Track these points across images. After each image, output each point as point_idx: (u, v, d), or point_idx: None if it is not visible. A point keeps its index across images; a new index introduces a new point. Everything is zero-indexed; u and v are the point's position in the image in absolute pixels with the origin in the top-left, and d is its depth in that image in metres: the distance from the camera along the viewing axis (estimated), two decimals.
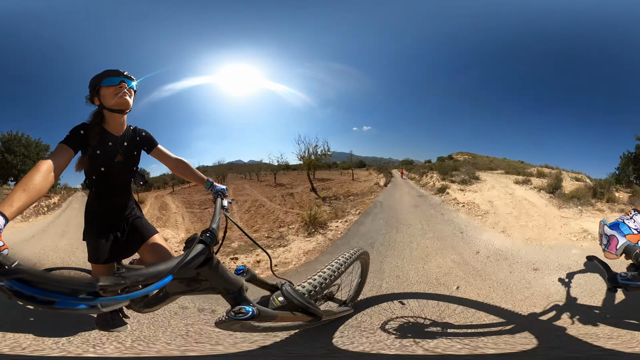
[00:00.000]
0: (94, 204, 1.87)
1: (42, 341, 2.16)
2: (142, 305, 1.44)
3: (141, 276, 0.96)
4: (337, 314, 2.23)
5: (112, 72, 1.69)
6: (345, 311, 2.34)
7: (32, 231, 5.83)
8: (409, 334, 2.27)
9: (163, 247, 1.88)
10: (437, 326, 2.39)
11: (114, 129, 1.76)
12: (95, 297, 0.82)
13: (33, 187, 1.26)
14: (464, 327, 2.39)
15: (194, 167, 1.99)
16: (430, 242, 4.32)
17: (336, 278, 1.91)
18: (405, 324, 2.44)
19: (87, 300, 0.81)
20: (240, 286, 1.36)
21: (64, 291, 0.80)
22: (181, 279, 1.22)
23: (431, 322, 2.45)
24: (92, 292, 0.82)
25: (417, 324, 2.44)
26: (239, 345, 2.18)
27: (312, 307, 1.64)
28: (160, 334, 2.38)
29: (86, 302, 0.81)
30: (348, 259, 2.08)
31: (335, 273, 1.90)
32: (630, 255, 1.15)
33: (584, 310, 2.51)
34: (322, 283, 1.79)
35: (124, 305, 0.96)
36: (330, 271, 1.89)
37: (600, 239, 1.24)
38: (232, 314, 1.28)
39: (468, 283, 3.12)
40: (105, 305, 0.84)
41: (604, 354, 1.96)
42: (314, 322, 1.83)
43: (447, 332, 2.29)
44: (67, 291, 0.80)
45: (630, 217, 1.21)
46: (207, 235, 1.21)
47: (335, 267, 1.93)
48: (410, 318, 2.54)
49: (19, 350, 2.05)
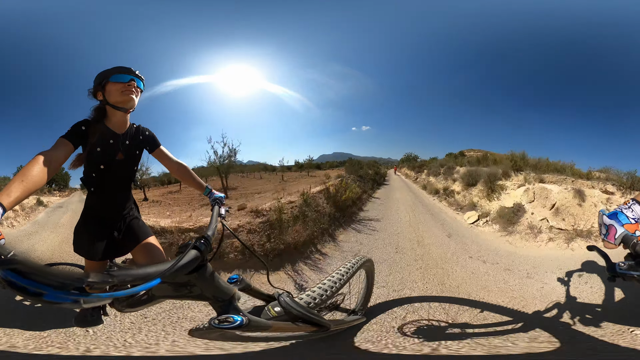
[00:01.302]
0: (92, 202, 1.87)
1: (40, 337, 2.15)
2: (126, 304, 1.44)
3: (130, 276, 0.97)
4: (347, 323, 2.21)
5: (123, 69, 1.68)
6: (356, 320, 2.34)
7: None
8: (426, 337, 2.32)
9: (156, 250, 1.88)
10: (453, 328, 2.47)
11: (116, 126, 1.75)
12: (80, 293, 0.84)
13: (31, 178, 1.27)
14: (474, 326, 2.45)
15: (194, 173, 2.00)
16: None
17: (339, 288, 1.89)
18: (422, 327, 2.50)
19: (72, 295, 0.83)
20: (232, 295, 1.34)
21: (53, 284, 0.81)
22: (170, 283, 1.22)
23: (448, 324, 2.52)
24: (78, 287, 0.84)
25: (433, 326, 2.51)
26: (240, 347, 2.17)
27: (315, 317, 1.60)
28: (156, 333, 2.36)
29: (72, 296, 0.83)
30: (350, 268, 2.07)
31: (337, 284, 1.88)
32: (628, 244, 1.15)
33: (589, 308, 2.57)
34: (323, 294, 1.76)
35: (106, 302, 0.97)
36: (332, 282, 1.87)
37: (600, 228, 1.24)
38: (215, 322, 1.26)
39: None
40: (88, 302, 0.85)
41: (613, 351, 1.98)
42: (321, 332, 1.78)
43: (465, 333, 2.36)
44: (56, 284, 0.82)
45: (628, 207, 1.22)
46: (202, 242, 1.21)
47: (337, 278, 1.92)
48: (426, 321, 2.60)
49: (12, 348, 2.05)
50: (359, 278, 2.49)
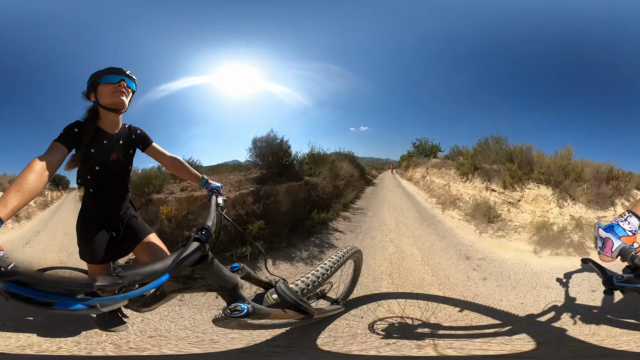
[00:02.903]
0: (88, 204, 1.85)
1: (45, 341, 2.15)
2: (140, 304, 1.45)
3: (138, 275, 0.97)
4: (327, 312, 2.25)
5: (114, 69, 1.66)
6: (336, 310, 2.36)
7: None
8: (396, 335, 2.25)
9: (158, 246, 1.88)
10: (427, 327, 2.35)
11: (109, 127, 1.74)
12: (93, 297, 0.83)
13: (27, 187, 1.25)
14: (457, 328, 2.35)
15: (189, 165, 1.99)
16: None
17: (329, 276, 1.93)
18: (393, 325, 2.42)
19: (85, 301, 0.82)
20: (236, 284, 1.37)
21: (61, 292, 0.80)
22: (177, 277, 1.22)
23: (421, 323, 2.41)
24: (90, 292, 0.83)
25: (406, 324, 2.41)
26: (236, 342, 2.20)
27: (304, 305, 1.65)
28: (160, 332, 2.39)
29: (84, 302, 0.82)
30: (341, 257, 2.09)
31: (328, 271, 1.91)
32: (626, 257, 1.14)
33: (583, 310, 2.48)
34: (315, 281, 1.80)
35: (122, 304, 0.97)
36: (324, 269, 1.90)
37: (596, 241, 1.22)
38: (228, 312, 1.29)
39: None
40: (105, 305, 0.85)
41: (603, 354, 1.95)
42: (305, 319, 1.84)
43: (438, 334, 2.26)
44: (65, 292, 0.81)
45: (624, 219, 1.20)
46: (202, 233, 1.21)
47: (329, 266, 1.94)
48: (399, 318, 2.52)
49: (21, 350, 2.05)
50: (348, 268, 2.47)
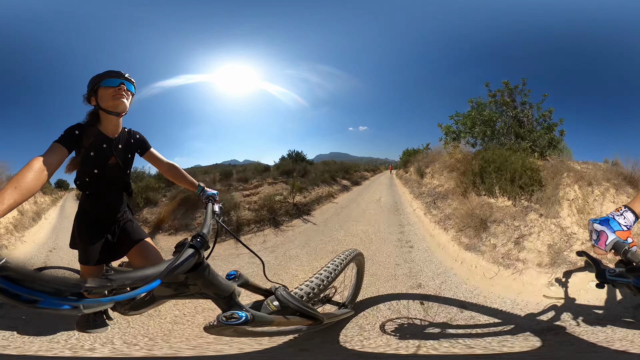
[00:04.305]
0: (86, 206, 1.85)
1: (26, 339, 2.12)
2: (128, 307, 1.42)
3: (128, 279, 0.95)
4: (338, 317, 2.22)
5: (113, 73, 1.68)
6: (346, 313, 2.34)
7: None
8: (407, 335, 2.29)
9: (153, 251, 1.87)
10: (436, 327, 2.41)
11: (109, 130, 1.75)
12: (79, 299, 0.81)
13: (25, 185, 1.25)
14: (459, 327, 2.41)
15: (185, 172, 1.99)
16: None
17: (332, 281, 1.89)
18: (404, 325, 2.47)
19: (70, 301, 0.80)
20: (232, 291, 1.34)
21: (48, 290, 0.79)
22: (169, 283, 1.21)
23: (429, 324, 2.47)
24: (76, 293, 0.81)
25: (415, 325, 2.47)
26: (240, 346, 2.15)
27: (310, 311, 1.61)
28: (152, 334, 2.34)
29: (69, 302, 0.80)
30: (343, 260, 2.06)
31: (331, 276, 1.87)
32: (619, 251, 1.14)
33: (583, 309, 2.52)
34: (319, 286, 1.76)
35: (107, 307, 0.94)
36: (326, 274, 1.86)
37: (590, 234, 1.23)
38: (223, 319, 1.26)
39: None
40: (88, 307, 0.83)
41: (604, 354, 1.95)
42: (315, 325, 1.79)
43: (446, 334, 2.30)
44: (51, 291, 0.79)
45: (620, 214, 1.20)
46: (198, 240, 1.20)
47: (331, 270, 1.91)
48: (408, 319, 2.56)
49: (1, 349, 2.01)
50: (350, 271, 2.47)
